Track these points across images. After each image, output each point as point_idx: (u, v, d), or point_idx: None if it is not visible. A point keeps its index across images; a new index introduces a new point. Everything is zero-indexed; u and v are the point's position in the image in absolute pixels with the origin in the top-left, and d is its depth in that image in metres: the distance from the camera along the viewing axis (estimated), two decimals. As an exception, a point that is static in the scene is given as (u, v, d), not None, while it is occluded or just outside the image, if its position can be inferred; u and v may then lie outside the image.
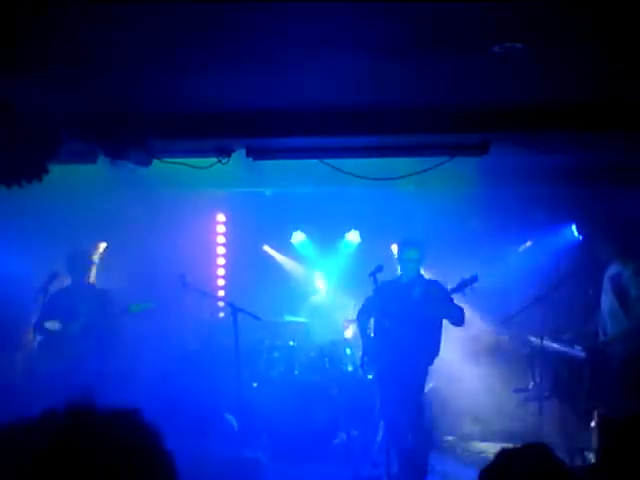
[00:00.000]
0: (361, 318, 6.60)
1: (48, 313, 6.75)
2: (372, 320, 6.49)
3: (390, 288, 6.24)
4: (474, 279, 6.04)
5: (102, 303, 6.89)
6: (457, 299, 6.26)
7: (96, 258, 7.76)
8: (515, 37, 3.37)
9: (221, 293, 8.63)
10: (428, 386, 6.69)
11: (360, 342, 6.67)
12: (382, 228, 8.13)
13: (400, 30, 3.34)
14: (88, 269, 7.07)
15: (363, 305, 6.60)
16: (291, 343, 7.84)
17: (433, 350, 6.24)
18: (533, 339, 6.92)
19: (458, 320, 6.14)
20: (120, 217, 7.80)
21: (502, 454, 2.04)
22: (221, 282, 8.82)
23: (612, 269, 6.27)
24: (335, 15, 3.15)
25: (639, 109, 4.73)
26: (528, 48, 3.47)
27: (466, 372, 7.83)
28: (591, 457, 6.04)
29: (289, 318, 8.24)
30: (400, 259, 6.33)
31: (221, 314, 8.19)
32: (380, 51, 3.68)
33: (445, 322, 6.24)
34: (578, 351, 6.43)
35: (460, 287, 6.07)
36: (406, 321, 6.04)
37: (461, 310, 6.14)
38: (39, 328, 6.76)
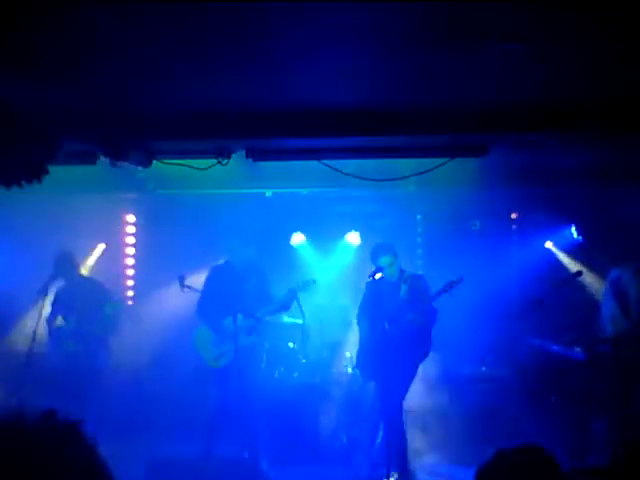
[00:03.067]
0: (359, 320, 6.65)
1: (53, 311, 7.05)
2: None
3: (377, 287, 6.24)
4: (460, 280, 6.14)
5: (99, 296, 6.97)
6: (444, 299, 6.29)
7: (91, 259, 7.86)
8: (516, 36, 3.36)
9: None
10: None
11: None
12: (382, 229, 8.12)
13: (400, 30, 3.34)
14: (76, 268, 7.12)
15: (359, 307, 6.65)
16: (291, 345, 7.81)
17: (425, 347, 6.29)
18: (533, 340, 6.92)
19: (429, 323, 6.21)
20: (117, 219, 7.79)
21: (498, 455, 2.04)
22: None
23: (613, 273, 6.30)
24: (335, 15, 3.14)
25: (639, 109, 4.72)
26: (529, 47, 3.46)
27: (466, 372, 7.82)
28: (590, 459, 6.03)
29: (288, 320, 8.20)
30: (377, 267, 6.32)
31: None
32: (380, 52, 3.68)
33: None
34: (578, 353, 6.43)
35: (446, 288, 6.15)
36: (396, 319, 6.11)
37: (435, 313, 6.22)
38: (47, 326, 6.93)
